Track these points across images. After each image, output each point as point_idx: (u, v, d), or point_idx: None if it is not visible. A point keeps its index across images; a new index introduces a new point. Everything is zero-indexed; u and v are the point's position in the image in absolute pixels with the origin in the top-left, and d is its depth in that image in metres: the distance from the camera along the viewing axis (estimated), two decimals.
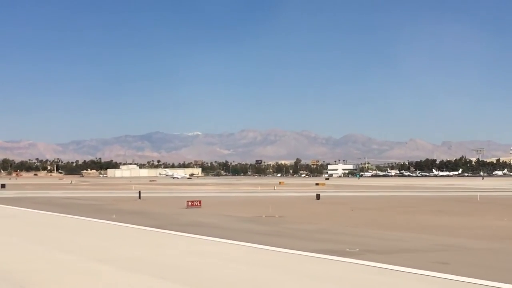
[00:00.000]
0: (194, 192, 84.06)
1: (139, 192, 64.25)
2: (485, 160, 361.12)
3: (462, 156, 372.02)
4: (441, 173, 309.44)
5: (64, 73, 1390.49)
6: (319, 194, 65.37)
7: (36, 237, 26.20)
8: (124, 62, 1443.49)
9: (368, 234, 30.72)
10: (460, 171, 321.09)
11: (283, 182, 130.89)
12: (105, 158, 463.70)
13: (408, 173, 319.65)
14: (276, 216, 42.17)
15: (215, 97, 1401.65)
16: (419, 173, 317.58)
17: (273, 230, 32.53)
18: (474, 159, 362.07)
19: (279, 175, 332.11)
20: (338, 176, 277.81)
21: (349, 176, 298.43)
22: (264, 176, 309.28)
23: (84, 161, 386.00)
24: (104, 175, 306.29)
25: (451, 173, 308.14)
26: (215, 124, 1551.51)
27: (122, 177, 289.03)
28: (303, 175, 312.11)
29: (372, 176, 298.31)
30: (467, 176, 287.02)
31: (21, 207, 47.53)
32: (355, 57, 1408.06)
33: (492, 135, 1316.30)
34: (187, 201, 50.87)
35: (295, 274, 15.96)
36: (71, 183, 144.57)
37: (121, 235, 28.10)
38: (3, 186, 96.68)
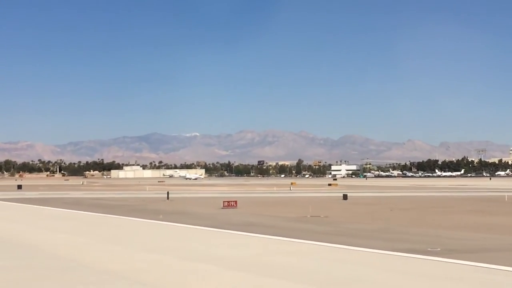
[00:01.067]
0: (214, 193, 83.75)
1: (168, 193, 64.03)
2: (487, 160, 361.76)
3: (464, 157, 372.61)
4: (444, 174, 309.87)
5: (61, 74, 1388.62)
6: (346, 195, 65.08)
7: (109, 237, 25.88)
8: (121, 64, 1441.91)
9: (431, 233, 30.50)
10: (462, 171, 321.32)
11: (295, 183, 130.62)
12: (103, 159, 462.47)
13: (411, 174, 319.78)
14: (321, 216, 41.92)
15: (213, 98, 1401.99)
16: (422, 173, 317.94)
17: (333, 230, 32.31)
18: (476, 160, 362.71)
19: (283, 175, 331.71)
20: (341, 177, 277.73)
21: (353, 176, 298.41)
22: (268, 177, 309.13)
23: (87, 162, 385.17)
24: (108, 176, 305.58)
25: (454, 174, 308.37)
26: (213, 125, 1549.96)
27: (126, 178, 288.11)
28: (306, 176, 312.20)
29: (376, 177, 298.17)
30: (471, 176, 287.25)
31: (57, 207, 47.21)
32: (353, 58, 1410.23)
33: (490, 135, 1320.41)
34: (223, 201, 50.56)
35: (404, 274, 15.75)
36: (82, 184, 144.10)
37: (190, 235, 27.80)
38: (20, 187, 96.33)
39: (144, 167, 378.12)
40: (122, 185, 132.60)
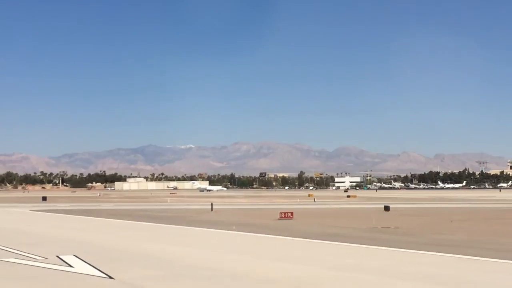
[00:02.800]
0: (246, 205, 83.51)
1: (211, 204, 63.81)
2: (488, 172, 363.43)
3: (465, 169, 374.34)
4: (447, 186, 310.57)
5: (56, 85, 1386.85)
6: (388, 206, 64.80)
7: (215, 247, 25.46)
8: (116, 75, 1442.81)
9: None
10: (464, 183, 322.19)
11: (312, 195, 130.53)
12: (97, 171, 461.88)
13: (414, 186, 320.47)
14: (391, 227, 41.58)
15: (208, 110, 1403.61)
16: (425, 185, 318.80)
17: (425, 241, 31.70)
18: (476, 172, 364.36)
19: (287, 187, 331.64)
20: (346, 189, 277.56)
21: (357, 188, 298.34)
22: (272, 188, 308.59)
23: (89, 174, 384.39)
24: (112, 188, 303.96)
25: (456, 186, 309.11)
26: (208, 137, 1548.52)
27: (130, 189, 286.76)
28: (310, 188, 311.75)
29: (379, 188, 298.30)
30: (474, 188, 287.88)
31: (113, 219, 46.66)
32: (348, 70, 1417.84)
33: (484, 147, 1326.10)
34: (280, 212, 50.14)
35: None
36: (99, 195, 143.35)
37: (294, 245, 27.29)
38: (45, 199, 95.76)
39: (146, 179, 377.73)
40: (140, 197, 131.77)
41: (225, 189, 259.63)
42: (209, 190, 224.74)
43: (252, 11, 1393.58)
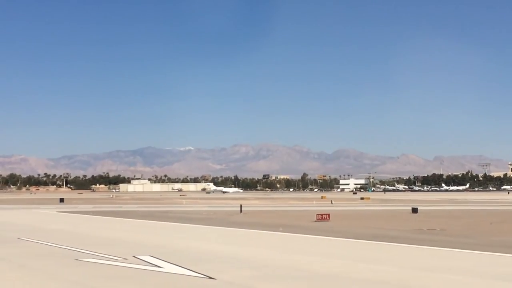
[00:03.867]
0: (262, 207, 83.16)
1: (241, 206, 63.50)
2: (492, 175, 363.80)
3: (468, 171, 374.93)
4: (451, 188, 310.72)
5: (55, 87, 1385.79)
6: (416, 208, 64.35)
7: (292, 249, 25.01)
8: (115, 77, 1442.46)
9: None
10: (467, 185, 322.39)
11: (325, 197, 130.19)
12: (96, 173, 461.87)
13: (418, 188, 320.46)
14: (437, 229, 41.17)
15: (207, 112, 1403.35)
16: (430, 187, 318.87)
17: (486, 242, 31.15)
18: (479, 174, 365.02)
19: (291, 189, 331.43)
20: (350, 191, 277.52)
21: (361, 190, 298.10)
22: (277, 191, 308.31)
23: (92, 175, 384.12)
24: (117, 190, 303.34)
25: (460, 188, 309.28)
26: (207, 139, 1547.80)
27: (135, 191, 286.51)
28: (315, 190, 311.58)
29: (384, 191, 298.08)
30: (478, 190, 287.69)
31: (152, 220, 46.25)
32: (348, 72, 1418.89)
33: (483, 150, 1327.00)
34: (317, 214, 49.72)
35: None
36: (112, 197, 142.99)
37: (367, 247, 26.76)
38: (62, 200, 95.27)
39: (149, 181, 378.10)
40: (152, 199, 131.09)
41: (241, 191, 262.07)
42: (225, 192, 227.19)
43: (250, 13, 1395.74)
